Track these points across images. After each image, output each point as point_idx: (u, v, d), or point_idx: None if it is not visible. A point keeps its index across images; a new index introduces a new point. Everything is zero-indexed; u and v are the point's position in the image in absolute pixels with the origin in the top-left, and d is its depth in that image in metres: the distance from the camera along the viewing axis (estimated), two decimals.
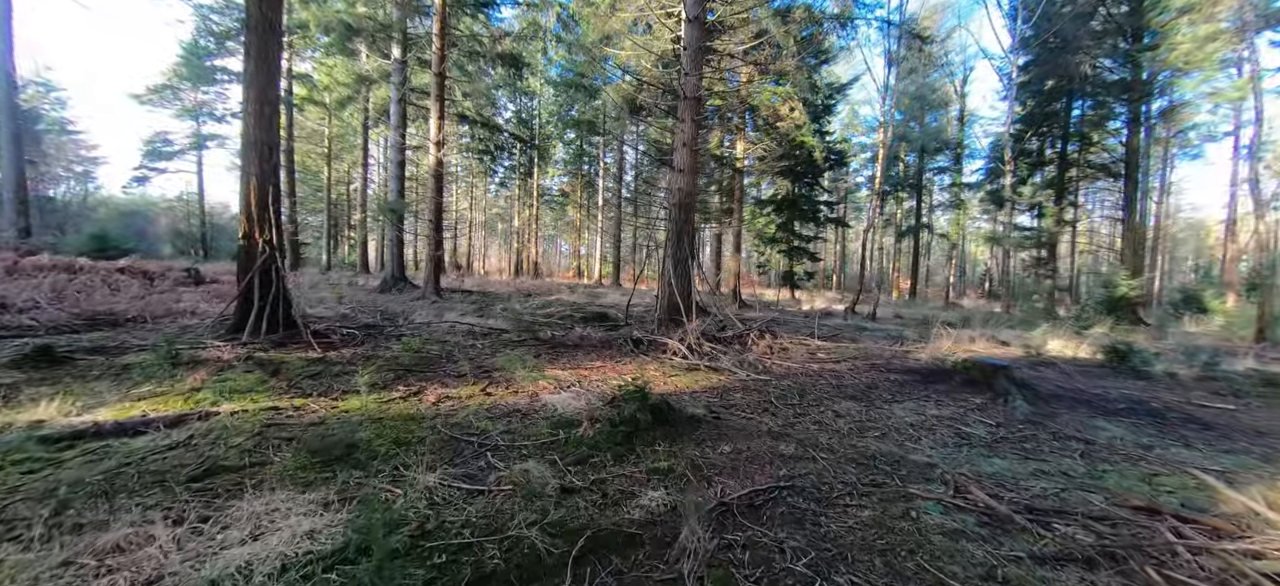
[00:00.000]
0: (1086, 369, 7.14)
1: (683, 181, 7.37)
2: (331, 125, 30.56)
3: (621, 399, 3.39)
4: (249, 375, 4.07)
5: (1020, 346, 9.29)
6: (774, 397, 4.69)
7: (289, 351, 5.04)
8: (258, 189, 5.55)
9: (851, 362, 6.48)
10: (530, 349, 6.21)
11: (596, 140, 35.63)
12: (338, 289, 13.69)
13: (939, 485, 2.75)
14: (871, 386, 5.24)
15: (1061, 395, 5.24)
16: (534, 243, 36.46)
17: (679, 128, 7.47)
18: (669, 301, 7.39)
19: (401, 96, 14.97)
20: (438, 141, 12.14)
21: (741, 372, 5.56)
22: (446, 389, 4.07)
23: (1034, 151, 18.91)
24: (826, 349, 7.48)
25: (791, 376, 5.59)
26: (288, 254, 5.86)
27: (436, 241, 12.50)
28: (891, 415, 4.33)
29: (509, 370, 4.88)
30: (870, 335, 10.07)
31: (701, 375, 5.39)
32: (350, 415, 3.28)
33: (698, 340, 6.51)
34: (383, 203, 18.75)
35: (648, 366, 5.62)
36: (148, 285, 9.93)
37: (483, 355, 5.65)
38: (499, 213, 51.48)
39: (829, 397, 4.80)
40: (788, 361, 6.35)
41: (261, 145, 5.59)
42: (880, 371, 6.04)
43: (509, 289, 19.12)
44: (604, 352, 6.26)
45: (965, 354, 7.84)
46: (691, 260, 7.49)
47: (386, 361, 4.89)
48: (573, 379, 4.69)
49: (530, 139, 29.16)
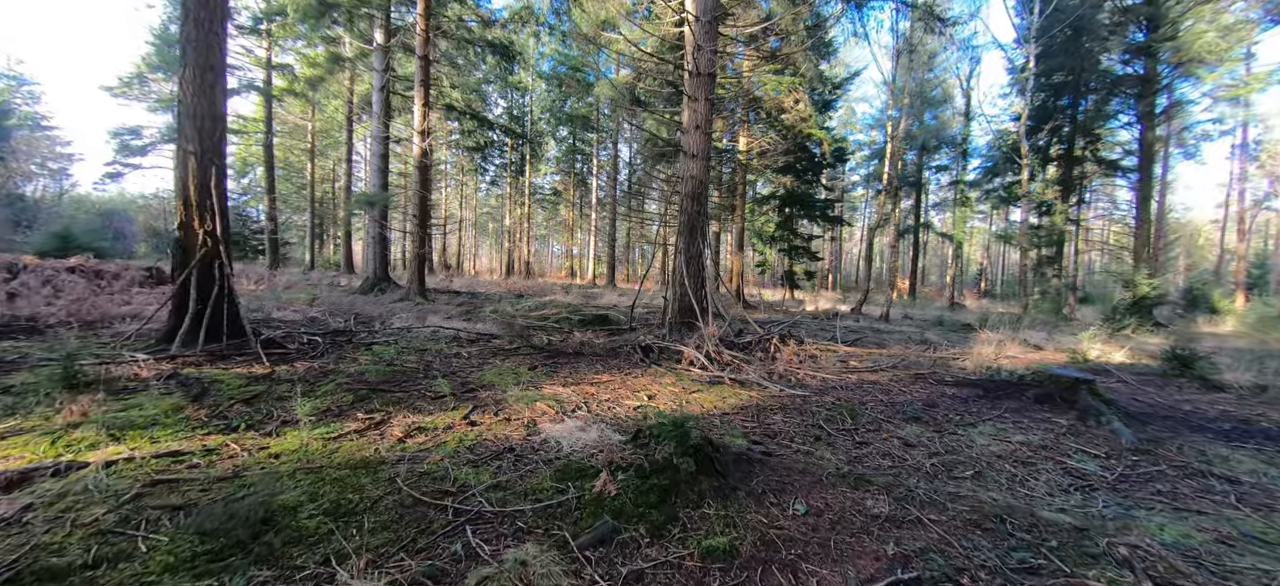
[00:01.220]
0: (1145, 377, 6.39)
1: (695, 168, 6.54)
2: (314, 119, 29.42)
3: (650, 434, 2.54)
4: (164, 399, 3.17)
5: (1055, 350, 8.57)
6: (822, 420, 3.86)
7: (229, 365, 4.13)
8: (197, 169, 4.64)
9: (892, 373, 5.68)
10: (524, 359, 5.35)
11: (589, 137, 34.76)
12: (313, 289, 12.71)
13: (1114, 566, 1.94)
14: (930, 404, 4.43)
15: (1152, 414, 4.46)
16: (526, 242, 35.49)
17: (690, 108, 6.63)
18: (681, 303, 6.55)
19: (385, 85, 14.00)
20: (422, 131, 11.22)
21: (773, 387, 4.73)
22: (419, 416, 3.20)
23: (1042, 147, 18.32)
24: (857, 355, 6.67)
25: (831, 391, 4.77)
26: (234, 249, 4.84)
27: (421, 238, 11.57)
28: (971, 443, 3.52)
29: (499, 387, 4.01)
30: (893, 339, 9.29)
31: (727, 391, 4.55)
32: (280, 462, 2.40)
33: (717, 348, 5.67)
34: (360, 195, 17.80)
35: (663, 379, 4.77)
36: (96, 286, 8.92)
37: (468, 368, 4.77)
38: (490, 212, 50.41)
39: (887, 419, 3.98)
40: (820, 372, 5.53)
41: (202, 117, 4.68)
42: (929, 383, 5.24)
43: (500, 289, 18.19)
44: (610, 363, 5.40)
45: (1008, 360, 7.09)
46: (705, 257, 6.65)
47: (349, 378, 4.00)
48: (577, 399, 3.83)
49: (522, 134, 28.20)
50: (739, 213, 16.91)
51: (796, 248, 23.46)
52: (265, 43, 21.77)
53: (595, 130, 32.32)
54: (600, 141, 34.85)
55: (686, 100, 6.65)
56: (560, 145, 37.67)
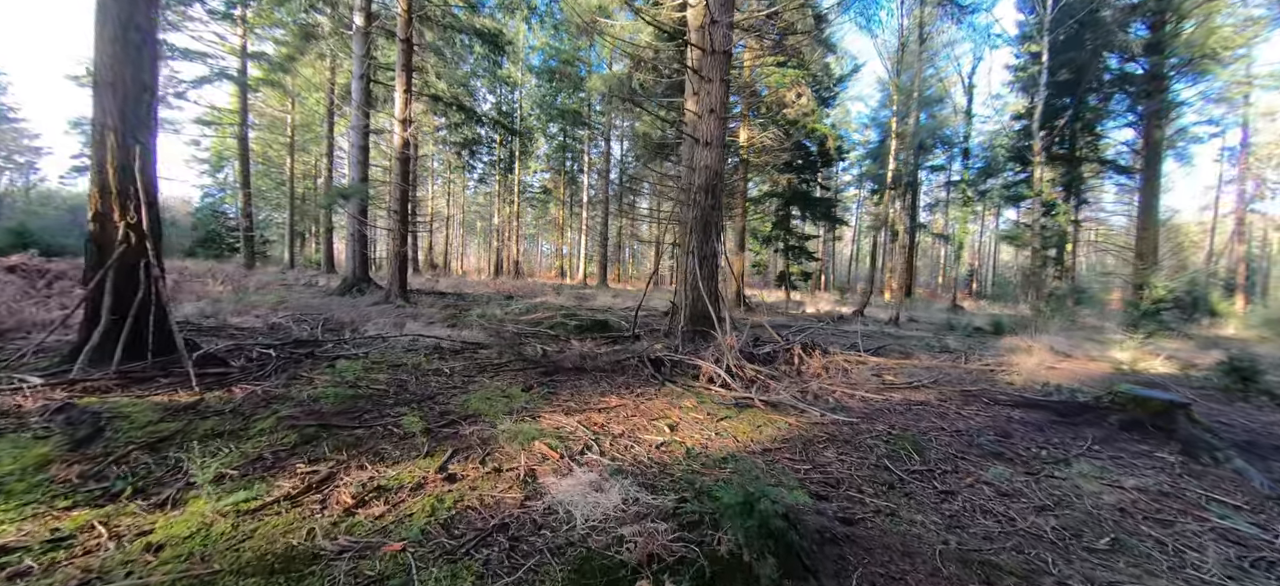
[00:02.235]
0: (1204, 392, 5.78)
1: (709, 157, 5.80)
2: (294, 112, 28.24)
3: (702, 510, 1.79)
4: (34, 446, 2.36)
5: (1087, 359, 7.97)
6: (885, 458, 3.15)
7: (146, 392, 3.31)
8: (118, 149, 3.80)
9: (937, 390, 4.99)
10: (516, 375, 4.57)
11: (581, 134, 33.92)
12: (285, 291, 11.79)
13: None
14: (1003, 432, 3.74)
15: (1255, 443, 3.82)
16: (515, 241, 34.58)
17: (703, 90, 5.90)
18: (693, 308, 5.81)
19: (365, 73, 13.08)
20: (404, 119, 10.36)
21: (812, 410, 4.01)
22: (380, 467, 2.42)
23: (1046, 147, 17.88)
24: (888, 367, 5.99)
25: (880, 415, 4.06)
26: (158, 243, 3.94)
27: (403, 236, 10.71)
28: (1078, 490, 2.83)
29: (486, 417, 3.24)
30: (913, 345, 8.65)
31: (760, 417, 3.82)
32: (161, 562, 1.61)
33: (738, 361, 4.94)
34: (335, 188, 16.88)
35: (683, 402, 4.03)
36: (31, 287, 7.96)
37: (449, 389, 3.99)
38: (478, 210, 49.33)
39: (961, 454, 3.28)
40: (856, 389, 4.83)
41: (124, 85, 3.84)
42: (985, 404, 4.56)
43: (488, 290, 17.33)
44: (616, 380, 4.64)
45: (1052, 372, 6.46)
46: (721, 257, 5.93)
47: (298, 408, 3.20)
48: (585, 434, 3.07)
49: (511, 128, 27.29)
50: (741, 211, 16.23)
51: (794, 248, 22.88)
52: (240, 29, 20.66)
53: (587, 126, 31.51)
54: (592, 138, 34.04)
55: (700, 81, 5.92)
56: (550, 142, 36.80)
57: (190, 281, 11.40)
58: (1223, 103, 20.87)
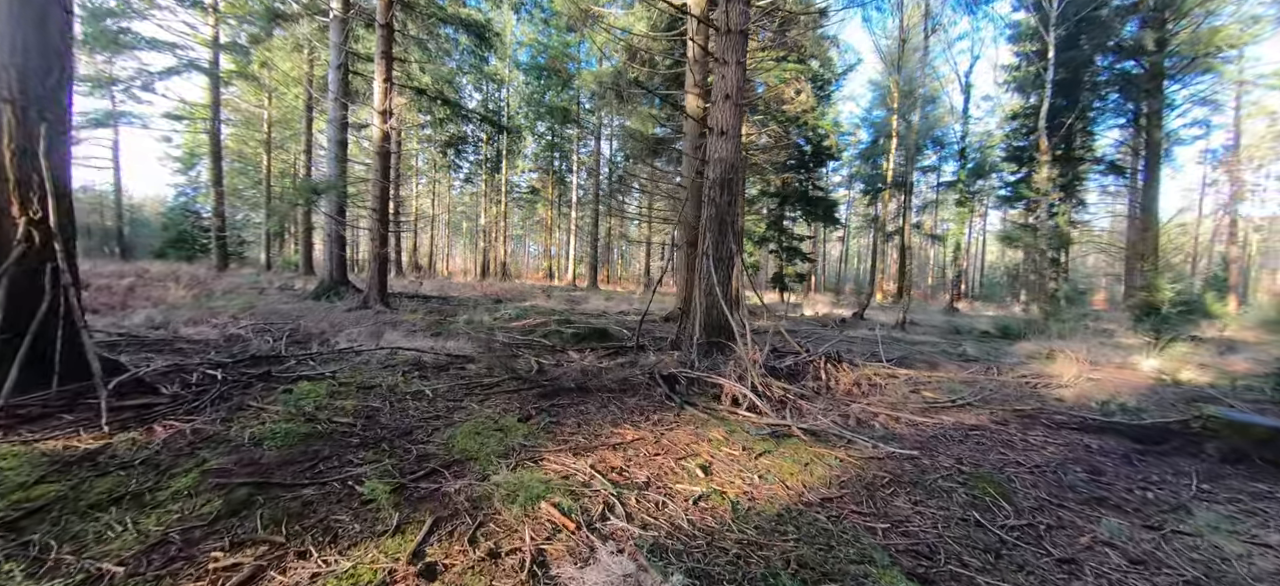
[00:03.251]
0: (1259, 405, 5.32)
1: (725, 148, 5.19)
2: (271, 107, 27.13)
3: None
4: None
5: (1118, 368, 7.53)
6: (971, 508, 2.56)
7: (41, 432, 2.60)
8: (16, 126, 3.08)
9: (988, 411, 4.43)
10: (510, 398, 3.91)
11: (570, 133, 33.21)
12: (253, 296, 10.96)
13: None
14: (1091, 468, 3.17)
15: None
16: (502, 242, 33.76)
17: (718, 74, 5.28)
18: (708, 317, 5.19)
19: (342, 62, 12.27)
20: (384, 111, 9.61)
21: (860, 440, 3.41)
22: (326, 556, 1.75)
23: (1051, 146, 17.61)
24: (921, 381, 5.43)
25: (938, 444, 3.48)
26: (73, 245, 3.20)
27: (383, 236, 9.95)
28: (1219, 553, 2.27)
29: (476, 464, 2.58)
30: (936, 354, 8.14)
31: (804, 449, 3.21)
32: None
33: (763, 378, 4.34)
34: (303, 182, 16.06)
35: (710, 432, 3.40)
36: None
37: (429, 419, 3.32)
38: (464, 210, 48.29)
39: (1056, 500, 2.71)
40: (899, 411, 4.25)
41: (25, 51, 3.11)
42: (1048, 428, 4.00)
43: (475, 293, 16.56)
44: (626, 402, 4.01)
45: (1096, 384, 5.96)
46: (737, 260, 5.33)
47: (232, 455, 2.52)
48: (604, 488, 2.43)
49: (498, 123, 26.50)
50: (739, 210, 15.65)
51: (788, 249, 22.42)
52: (211, 19, 19.62)
53: (576, 124, 30.81)
54: (581, 137, 33.33)
55: (714, 64, 5.31)
56: (538, 141, 36.01)
57: (149, 285, 10.52)
58: (1208, 105, 20.85)
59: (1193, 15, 13.86)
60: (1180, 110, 18.45)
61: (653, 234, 34.80)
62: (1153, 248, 16.10)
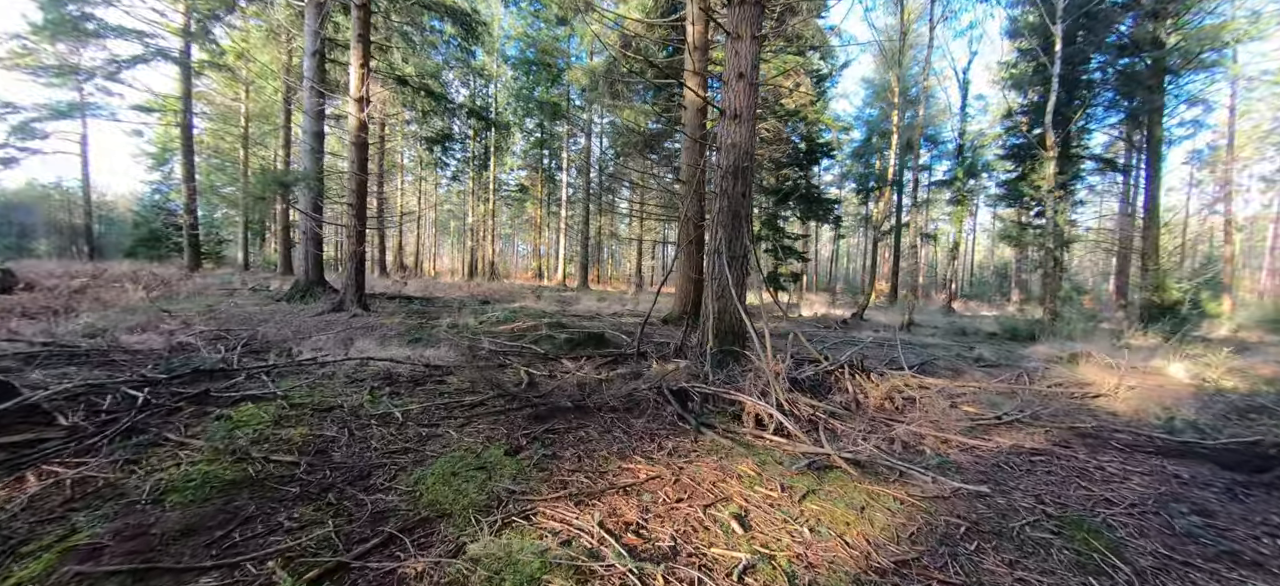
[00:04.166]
0: None
1: (739, 132, 4.61)
2: (248, 100, 26.10)
3: None
4: None
5: (1154, 373, 7.08)
6: (1077, 567, 2.01)
7: None
8: None
9: (1043, 430, 3.91)
10: (495, 421, 3.30)
11: (560, 130, 32.52)
12: (221, 297, 10.21)
13: None
14: (1200, 507, 2.64)
15: None
16: (490, 241, 32.99)
17: (732, 50, 4.71)
18: (721, 322, 4.62)
19: (317, 49, 11.53)
20: (360, 98, 8.91)
21: (916, 472, 2.85)
22: None
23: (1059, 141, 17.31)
24: (956, 393, 4.90)
25: (1004, 476, 2.94)
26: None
27: (360, 233, 9.25)
28: None
29: (448, 526, 1.98)
30: (955, 359, 7.66)
31: (852, 488, 2.65)
32: None
33: (789, 393, 3.78)
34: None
35: (737, 463, 2.83)
36: None
37: (394, 453, 2.70)
38: (452, 209, 47.31)
39: (1178, 555, 2.17)
40: (947, 432, 3.71)
41: None
42: (1120, 451, 3.48)
43: (461, 294, 15.85)
44: (633, 423, 3.42)
45: (1131, 390, 5.49)
46: (752, 258, 4.76)
47: (114, 519, 1.89)
48: (618, 559, 1.84)
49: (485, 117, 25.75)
50: None
51: (784, 248, 21.96)
52: (182, 7, 18.67)
53: (566, 120, 30.14)
54: (571, 134, 32.64)
55: (728, 40, 4.72)
56: (527, 138, 35.25)
57: (104, 287, 9.72)
58: (1200, 105, 20.73)
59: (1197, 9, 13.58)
60: (1170, 110, 18.31)
61: (644, 233, 34.22)
62: (1154, 247, 15.85)
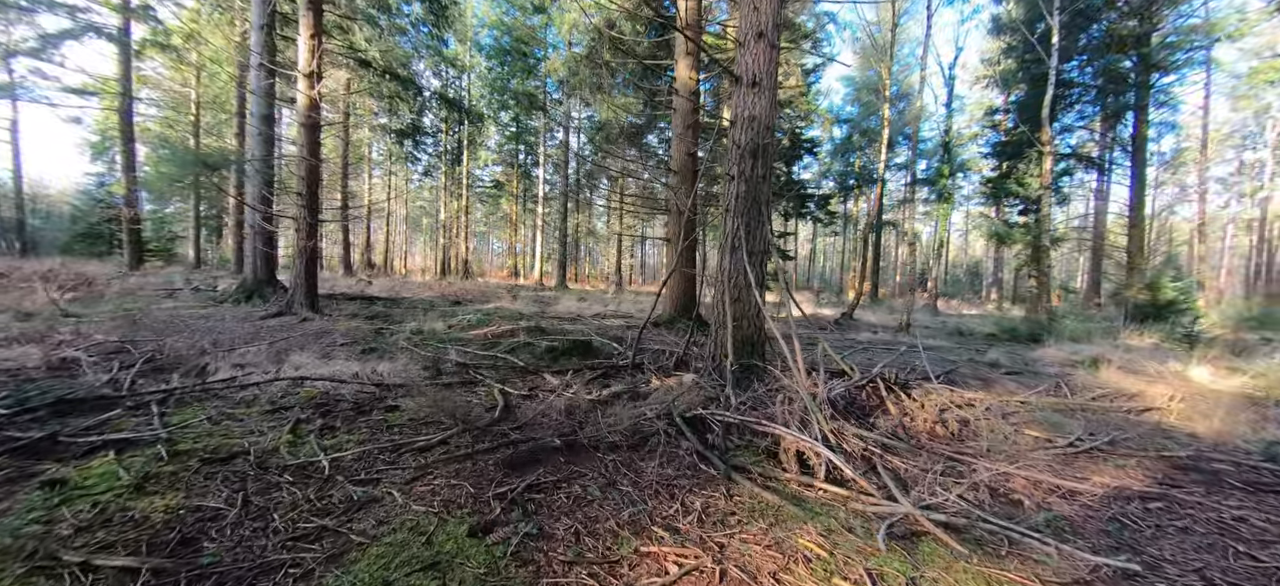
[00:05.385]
0: None
1: (759, 103, 3.84)
2: (199, 86, 24.32)
3: None
4: None
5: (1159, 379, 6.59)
6: None
7: None
8: None
9: (1135, 462, 3.24)
10: (458, 471, 2.45)
11: (536, 124, 31.38)
12: (151, 299, 9.02)
13: None
14: None
15: None
16: (464, 238, 31.69)
17: (749, 6, 3.93)
18: (739, 330, 3.84)
19: (266, 21, 10.35)
20: (310, 73, 7.86)
21: (1030, 540, 2.12)
22: None
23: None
24: (1007, 410, 4.24)
25: (1138, 538, 2.24)
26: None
27: (311, 225, 8.19)
28: None
29: None
30: (968, 365, 7.07)
31: (957, 569, 1.89)
32: None
33: (832, 422, 3.02)
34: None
35: (796, 535, 2.05)
36: None
37: (304, 539, 1.84)
38: (423, 206, 45.60)
39: None
40: (1013, 467, 3.01)
41: None
42: (1247, 492, 2.84)
43: (431, 293, 14.76)
44: (642, 468, 2.61)
45: (1180, 402, 4.94)
46: (773, 254, 3.99)
47: None
48: None
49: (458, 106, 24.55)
50: None
51: None
52: None
53: (543, 112, 29.07)
54: (548, 128, 31.56)
55: None
56: (502, 131, 33.99)
57: (9, 287, 8.43)
58: (1168, 106, 20.96)
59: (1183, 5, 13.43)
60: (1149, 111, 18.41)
61: (624, 230, 33.37)
62: (1140, 245, 15.77)
